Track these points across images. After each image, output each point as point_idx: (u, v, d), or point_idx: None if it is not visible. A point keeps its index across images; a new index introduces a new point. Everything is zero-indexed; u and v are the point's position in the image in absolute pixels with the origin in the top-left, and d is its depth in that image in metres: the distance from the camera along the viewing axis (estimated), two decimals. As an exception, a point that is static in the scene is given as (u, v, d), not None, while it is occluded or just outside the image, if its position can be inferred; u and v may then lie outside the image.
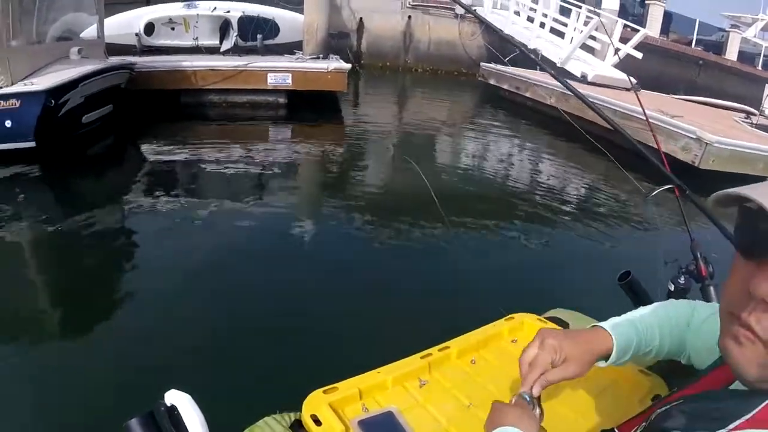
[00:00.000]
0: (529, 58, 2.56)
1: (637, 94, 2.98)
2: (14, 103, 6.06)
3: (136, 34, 10.62)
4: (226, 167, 7.06)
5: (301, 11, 11.46)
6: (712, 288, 1.93)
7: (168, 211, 5.57)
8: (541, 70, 2.91)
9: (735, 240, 0.69)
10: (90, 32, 8.55)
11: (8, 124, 6.10)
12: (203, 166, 7.09)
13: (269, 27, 11.43)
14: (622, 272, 1.94)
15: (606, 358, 1.08)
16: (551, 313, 1.73)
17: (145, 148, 7.99)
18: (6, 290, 3.96)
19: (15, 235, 4.99)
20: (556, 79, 2.61)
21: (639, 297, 1.91)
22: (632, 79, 12.14)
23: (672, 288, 2.00)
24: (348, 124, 10.30)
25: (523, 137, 10.33)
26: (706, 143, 7.62)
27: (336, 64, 10.05)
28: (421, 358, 1.44)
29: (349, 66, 10.09)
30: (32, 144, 6.26)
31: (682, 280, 1.98)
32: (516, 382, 1.29)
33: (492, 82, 13.37)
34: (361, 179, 7.26)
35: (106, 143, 7.93)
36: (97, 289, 4.06)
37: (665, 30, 16.02)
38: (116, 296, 3.92)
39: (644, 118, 3.21)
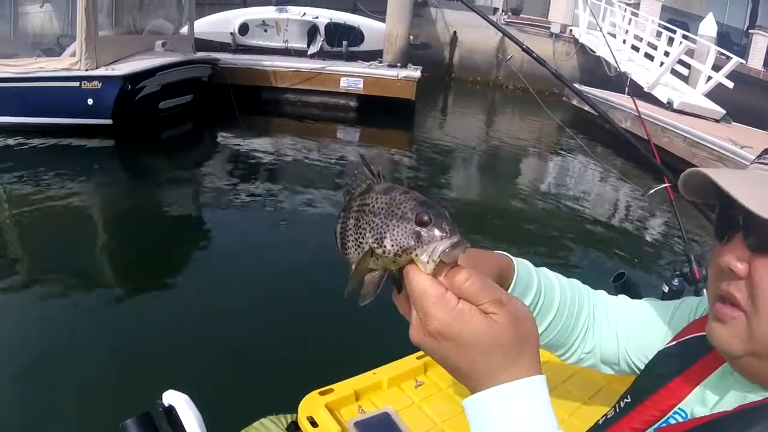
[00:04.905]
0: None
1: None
2: (96, 84, 6.90)
3: (231, 33, 11.52)
4: (289, 162, 7.51)
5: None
6: (705, 290, 1.85)
7: (212, 201, 5.99)
8: (555, 76, 2.84)
9: (714, 230, 0.71)
10: (185, 29, 9.46)
11: (90, 102, 6.96)
12: (268, 158, 7.56)
13: (355, 34, 11.96)
14: (617, 273, 1.95)
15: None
16: None
17: (219, 136, 8.69)
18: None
19: (78, 199, 5.61)
20: (559, 78, 2.59)
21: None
22: (721, 109, 11.50)
23: (666, 290, 1.96)
24: (417, 133, 10.47)
25: (575, 157, 10.04)
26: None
27: (406, 72, 10.35)
28: (417, 358, 1.45)
29: (418, 75, 10.34)
30: (109, 122, 7.10)
31: (675, 282, 1.95)
32: None
33: (575, 103, 13.11)
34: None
35: (182, 129, 8.71)
36: (110, 275, 4.28)
37: (772, 63, 14.89)
38: (124, 288, 4.01)
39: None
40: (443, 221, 0.56)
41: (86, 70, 6.87)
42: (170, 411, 0.91)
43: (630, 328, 0.99)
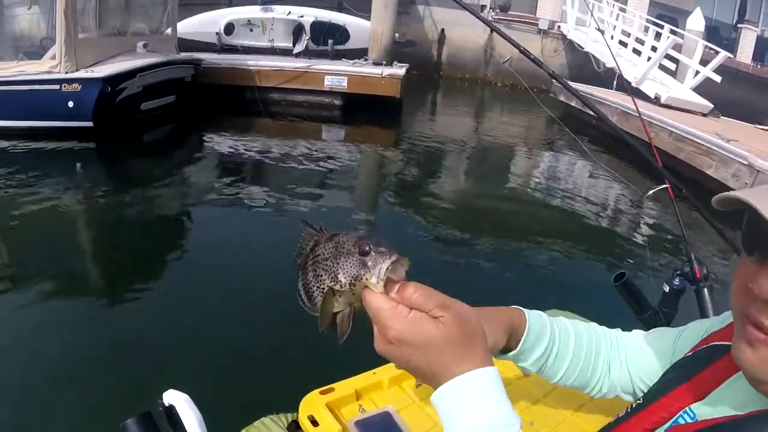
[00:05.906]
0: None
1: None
2: (76, 86, 6.92)
3: (217, 33, 11.54)
4: (273, 161, 7.48)
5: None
6: (706, 290, 1.89)
7: (201, 201, 5.97)
8: (553, 77, 2.78)
9: (741, 240, 0.69)
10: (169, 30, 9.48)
11: (71, 104, 6.97)
12: (256, 158, 7.56)
13: (340, 33, 11.96)
14: (618, 273, 1.96)
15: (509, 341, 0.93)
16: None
17: (202, 136, 8.65)
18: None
19: (62, 202, 5.59)
20: (557, 80, 2.55)
21: (634, 298, 1.94)
22: (709, 103, 11.50)
23: (666, 289, 1.97)
24: (404, 131, 10.44)
25: (569, 155, 10.05)
26: (758, 170, 7.07)
27: (391, 70, 10.35)
28: None
29: (403, 72, 10.35)
30: (90, 124, 7.11)
31: (676, 282, 1.95)
32: (514, 381, 1.32)
33: (562, 98, 13.14)
34: (386, 186, 7.50)
35: (165, 130, 8.70)
36: (107, 276, 4.28)
37: (760, 57, 14.91)
38: (122, 289, 3.98)
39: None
40: (381, 246, 0.65)
41: (66, 73, 6.88)
42: (171, 410, 0.92)
43: (638, 360, 1.05)
